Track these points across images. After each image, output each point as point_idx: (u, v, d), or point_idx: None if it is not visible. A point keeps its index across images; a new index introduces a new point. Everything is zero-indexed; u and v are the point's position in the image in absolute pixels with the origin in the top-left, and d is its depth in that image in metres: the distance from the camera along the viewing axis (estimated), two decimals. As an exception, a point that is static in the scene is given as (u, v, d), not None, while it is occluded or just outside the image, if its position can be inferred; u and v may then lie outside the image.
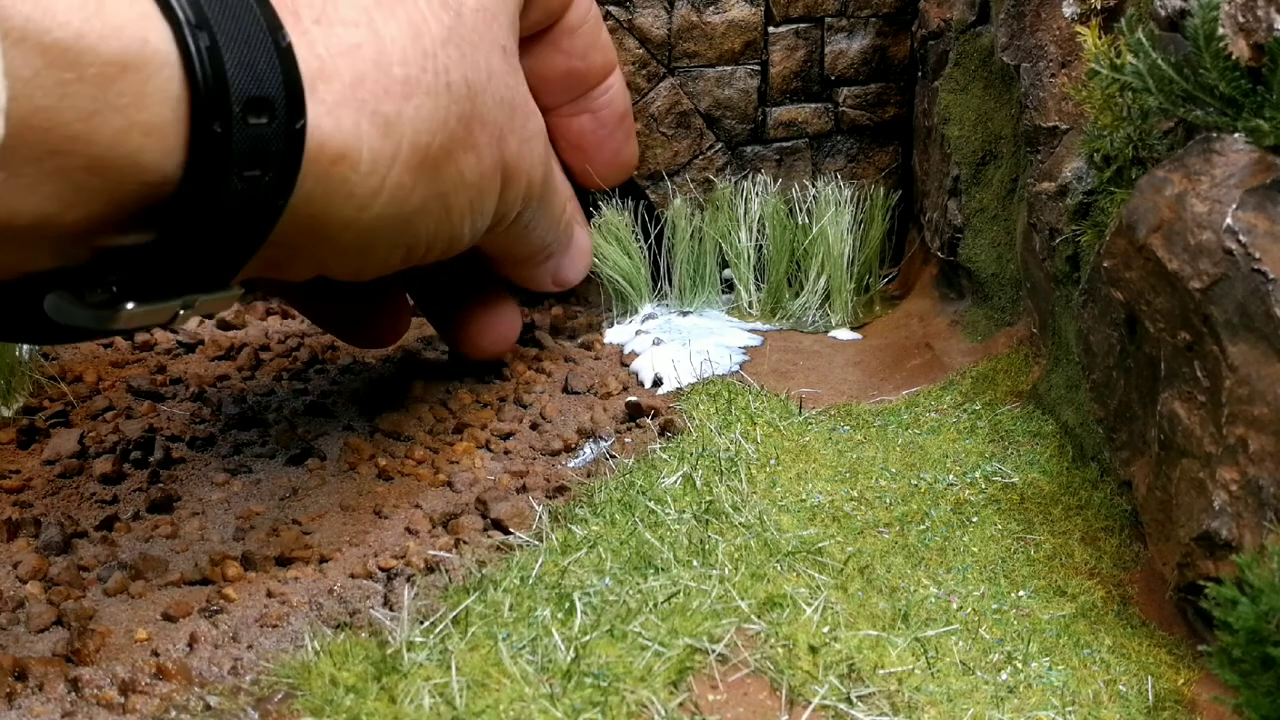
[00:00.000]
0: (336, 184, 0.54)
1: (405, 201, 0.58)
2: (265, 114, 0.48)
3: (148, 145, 0.45)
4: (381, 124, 0.54)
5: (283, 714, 0.47)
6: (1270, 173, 0.48)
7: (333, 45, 0.53)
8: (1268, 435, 0.46)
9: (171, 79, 0.45)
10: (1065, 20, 0.71)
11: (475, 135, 0.61)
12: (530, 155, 0.69)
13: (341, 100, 0.53)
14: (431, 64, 0.57)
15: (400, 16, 0.57)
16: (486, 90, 0.62)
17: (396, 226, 0.59)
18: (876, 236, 0.93)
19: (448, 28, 0.59)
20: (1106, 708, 0.48)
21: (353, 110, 0.53)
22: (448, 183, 0.61)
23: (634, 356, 0.84)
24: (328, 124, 0.52)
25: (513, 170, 0.67)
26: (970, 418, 0.73)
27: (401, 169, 0.56)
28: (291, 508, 0.66)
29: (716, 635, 0.50)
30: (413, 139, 0.56)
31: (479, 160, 0.63)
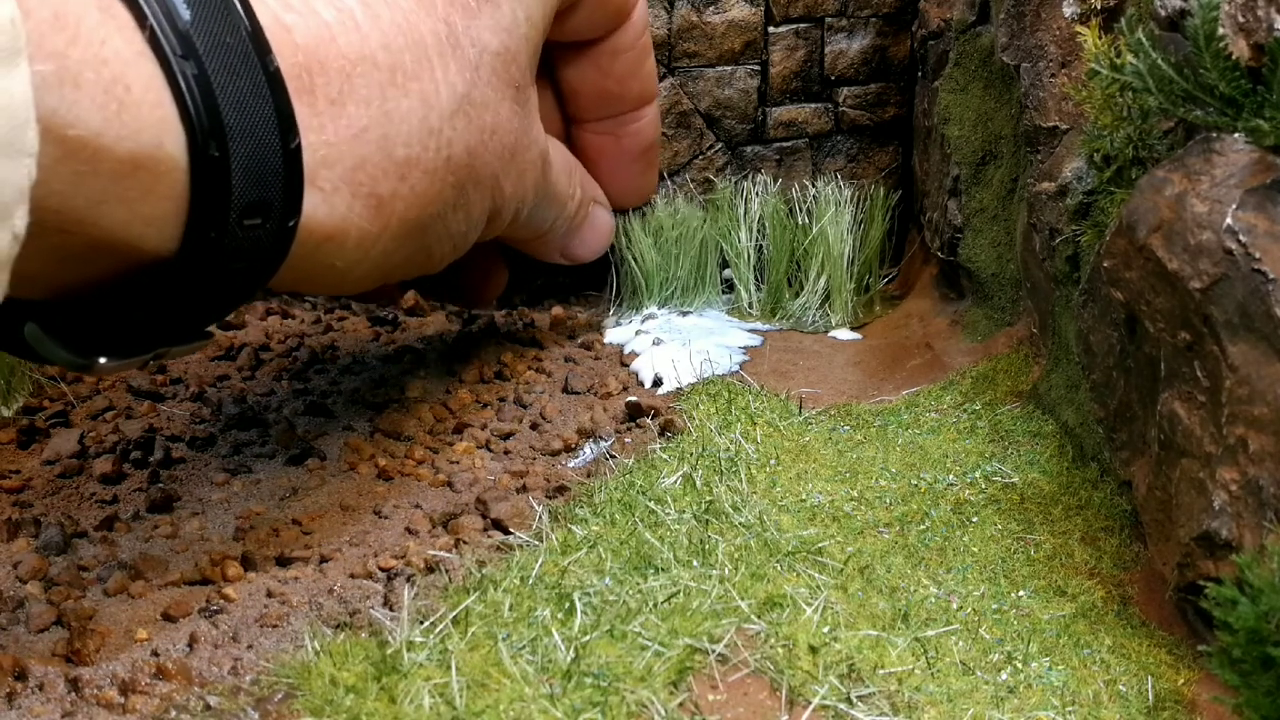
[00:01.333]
0: (320, 259, 0.55)
1: (387, 261, 0.59)
2: (260, 216, 0.50)
3: (148, 234, 0.47)
4: (374, 205, 0.56)
5: (283, 714, 0.47)
6: (1270, 173, 0.48)
7: (340, 129, 0.54)
8: (1268, 435, 0.46)
9: (179, 181, 0.47)
10: (1065, 20, 0.71)
11: (468, 195, 0.62)
12: (524, 185, 0.69)
13: (339, 185, 0.54)
14: (435, 140, 0.58)
15: (413, 93, 0.57)
16: (487, 148, 0.62)
17: (377, 277, 0.61)
18: (876, 236, 0.93)
19: (460, 96, 0.59)
20: (1106, 708, 0.48)
21: (348, 194, 0.54)
22: (431, 237, 0.62)
23: (634, 356, 0.84)
24: (322, 211, 0.53)
25: (504, 205, 0.68)
26: (970, 418, 0.73)
27: (388, 240, 0.58)
28: (291, 508, 0.66)
29: (716, 635, 0.50)
30: (403, 214, 0.57)
31: (468, 215, 0.64)
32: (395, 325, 0.95)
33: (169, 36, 0.45)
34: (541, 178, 0.72)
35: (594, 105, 0.78)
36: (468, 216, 0.64)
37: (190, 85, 0.46)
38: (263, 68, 0.49)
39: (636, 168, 0.83)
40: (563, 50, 0.76)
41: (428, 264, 0.64)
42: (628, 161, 0.82)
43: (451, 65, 0.59)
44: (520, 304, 1.00)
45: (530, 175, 0.69)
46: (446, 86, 0.59)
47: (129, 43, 0.45)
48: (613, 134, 0.80)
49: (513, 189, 0.67)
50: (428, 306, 0.98)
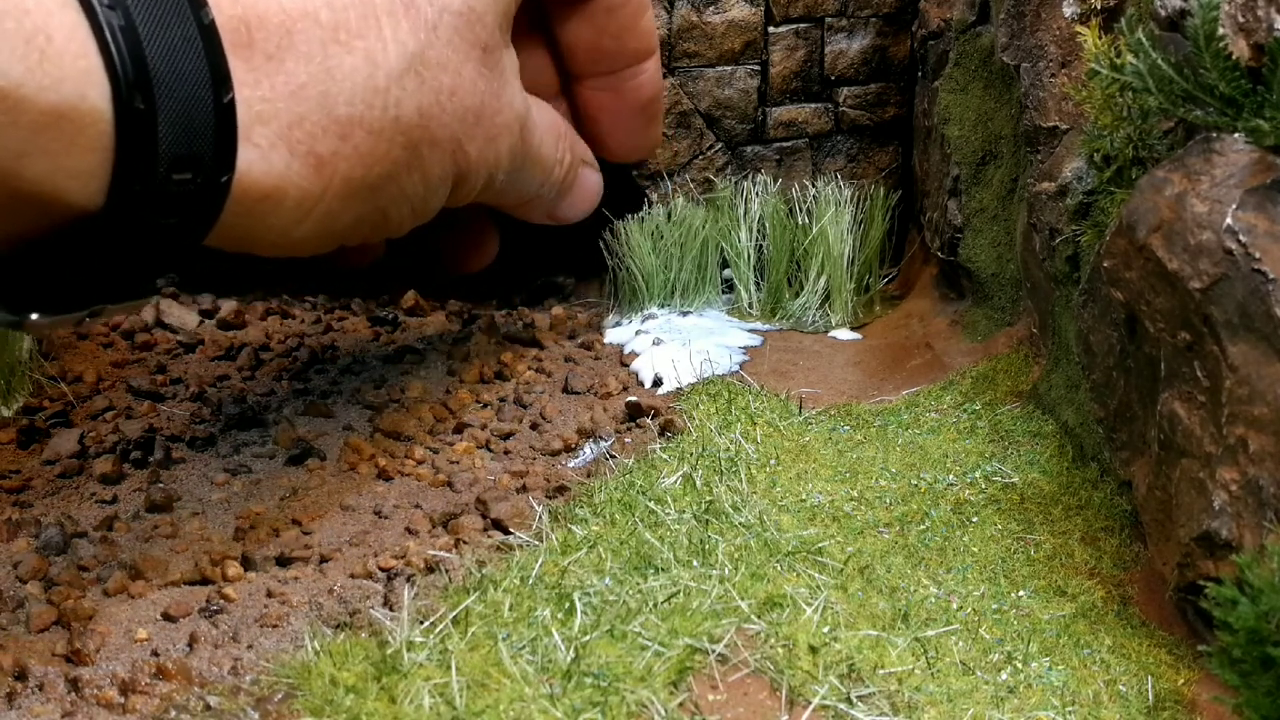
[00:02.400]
0: (259, 217, 0.54)
1: (335, 221, 0.58)
2: (190, 170, 0.49)
3: (72, 187, 0.46)
4: (314, 164, 0.55)
5: (283, 714, 0.47)
6: (1270, 173, 0.48)
7: (278, 86, 0.53)
8: (1268, 435, 0.46)
9: (103, 134, 0.46)
10: (1065, 20, 0.71)
11: (423, 156, 0.61)
12: (494, 151, 0.67)
13: (275, 141, 0.53)
14: (381, 99, 0.57)
15: (358, 50, 0.56)
16: (445, 109, 0.61)
17: (325, 237, 0.60)
18: (876, 236, 0.93)
19: (410, 55, 0.58)
20: (1106, 708, 0.48)
21: (285, 151, 0.53)
22: (385, 198, 0.61)
23: (634, 356, 0.84)
24: (259, 168, 0.52)
25: (469, 169, 0.66)
26: (970, 418, 0.73)
27: (331, 199, 0.57)
28: (291, 508, 0.66)
29: (716, 635, 0.50)
30: (346, 173, 0.56)
31: (424, 176, 0.62)
32: (395, 325, 0.95)
33: None
34: (519, 143, 0.70)
35: (591, 61, 0.77)
36: (424, 179, 0.62)
37: (116, 35, 0.45)
38: (196, 20, 0.48)
39: (638, 122, 0.81)
40: (557, 6, 0.75)
41: (384, 226, 0.63)
42: (629, 116, 0.80)
43: (403, 24, 0.58)
44: (520, 304, 1.00)
45: (504, 140, 0.68)
46: (396, 45, 0.57)
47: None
48: (612, 89, 0.78)
49: (479, 153, 0.66)
50: (428, 306, 0.98)
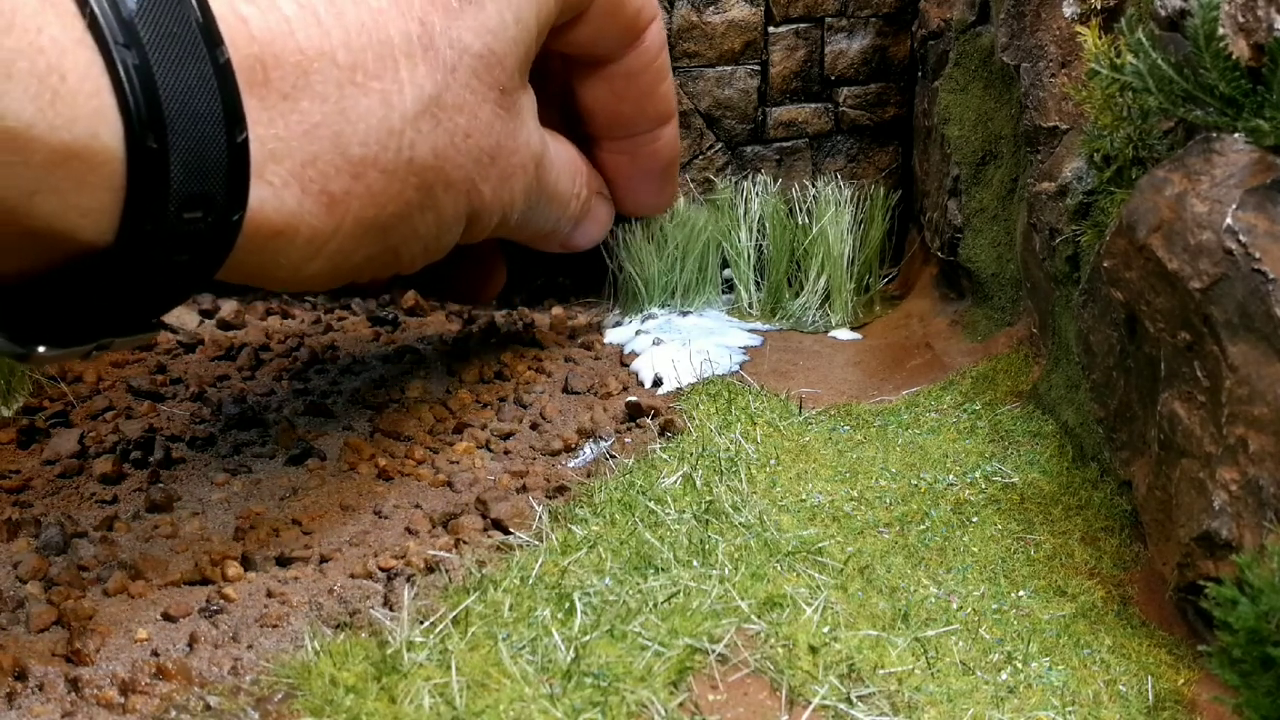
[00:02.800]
0: (270, 254, 0.54)
1: (346, 260, 0.58)
2: (202, 209, 0.49)
3: (83, 224, 0.46)
4: (327, 202, 0.55)
5: (283, 714, 0.47)
6: (1270, 173, 0.48)
7: (292, 125, 0.53)
8: (1268, 435, 0.46)
9: (114, 173, 0.46)
10: (1065, 20, 0.71)
11: (436, 197, 0.61)
12: (509, 190, 0.68)
13: (289, 180, 0.53)
14: (395, 141, 0.57)
15: (374, 92, 0.56)
16: (460, 150, 0.61)
17: (336, 275, 0.60)
18: (876, 236, 0.93)
19: (427, 97, 0.58)
20: (1106, 708, 0.48)
21: (298, 189, 0.53)
22: (397, 238, 0.61)
23: (634, 356, 0.84)
24: (270, 205, 0.52)
25: (483, 209, 0.66)
26: (970, 418, 0.73)
27: (344, 238, 0.57)
28: (291, 508, 0.66)
29: (716, 635, 0.50)
30: (359, 213, 0.56)
31: (438, 216, 0.63)
32: (395, 325, 0.95)
33: (111, 24, 0.44)
34: (535, 182, 0.71)
35: (609, 126, 0.77)
36: (438, 219, 0.63)
37: (130, 74, 0.45)
38: (211, 59, 0.48)
39: (654, 185, 0.82)
40: (576, 68, 0.75)
41: (395, 265, 0.64)
42: (645, 179, 0.81)
43: (421, 67, 0.58)
44: (520, 304, 1.00)
45: (519, 180, 0.68)
46: (413, 87, 0.58)
47: (67, 30, 0.44)
48: (629, 153, 0.79)
49: (493, 194, 0.66)
50: (428, 306, 0.98)
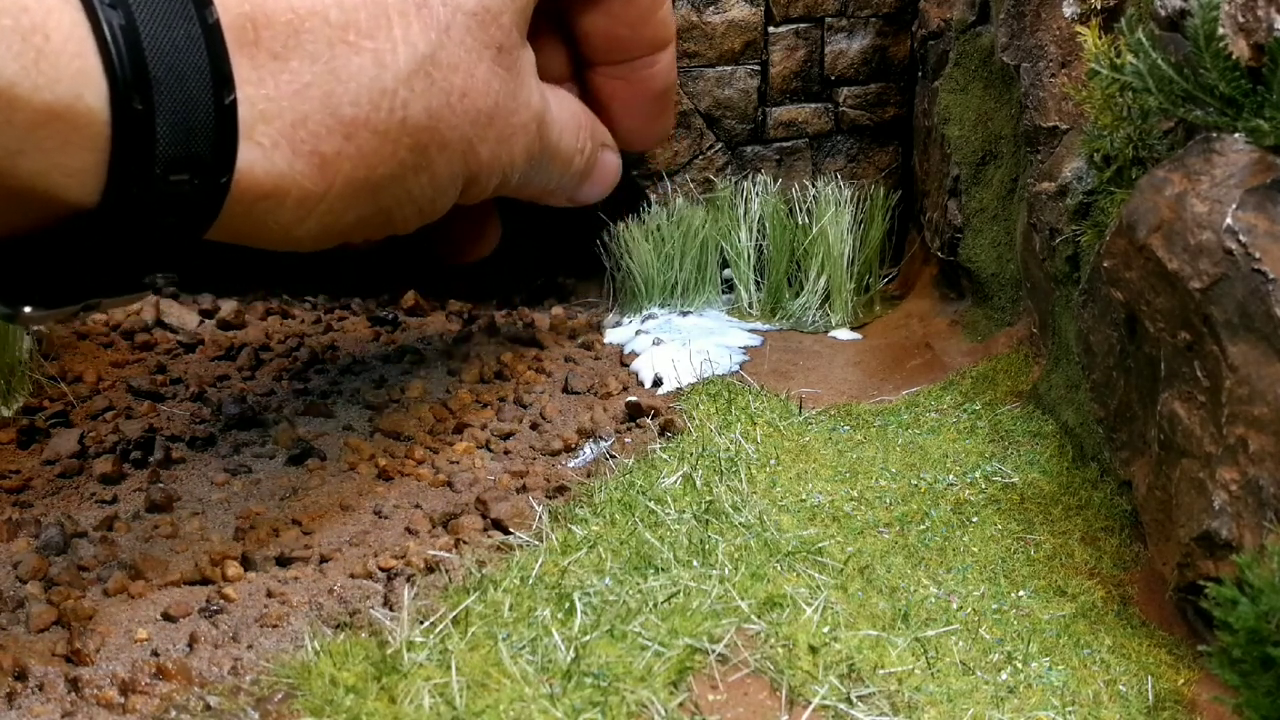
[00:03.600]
0: (259, 215, 0.54)
1: (339, 220, 0.58)
2: (188, 171, 0.48)
3: (68, 184, 0.46)
4: (318, 163, 0.54)
5: (283, 714, 0.47)
6: (1270, 173, 0.48)
7: (282, 85, 0.52)
8: (1268, 435, 0.46)
9: (99, 134, 0.46)
10: (1065, 20, 0.71)
11: (431, 158, 0.61)
12: (508, 150, 0.67)
13: (278, 140, 0.52)
14: (388, 101, 0.56)
15: (366, 51, 0.55)
16: (455, 111, 0.61)
17: (327, 235, 0.59)
18: (876, 236, 0.93)
19: (420, 56, 0.58)
20: (1106, 708, 0.48)
21: (288, 150, 0.53)
22: (389, 199, 0.60)
23: (634, 356, 0.84)
24: (260, 166, 0.52)
25: (481, 170, 0.66)
26: (970, 418, 0.73)
27: (334, 199, 0.56)
28: (291, 508, 0.66)
29: (716, 635, 0.50)
30: (350, 173, 0.56)
31: (432, 178, 0.62)
32: (395, 325, 0.95)
33: None
34: (536, 141, 0.70)
35: (605, 50, 0.76)
36: (433, 181, 0.62)
37: (115, 35, 0.45)
38: (200, 20, 0.47)
39: (651, 110, 0.81)
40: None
41: (388, 226, 0.63)
42: (641, 104, 0.80)
43: (414, 25, 0.58)
44: (520, 304, 1.00)
45: (519, 140, 0.67)
46: (405, 46, 0.57)
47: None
48: (625, 78, 0.78)
49: (491, 154, 0.65)
50: (428, 306, 0.98)
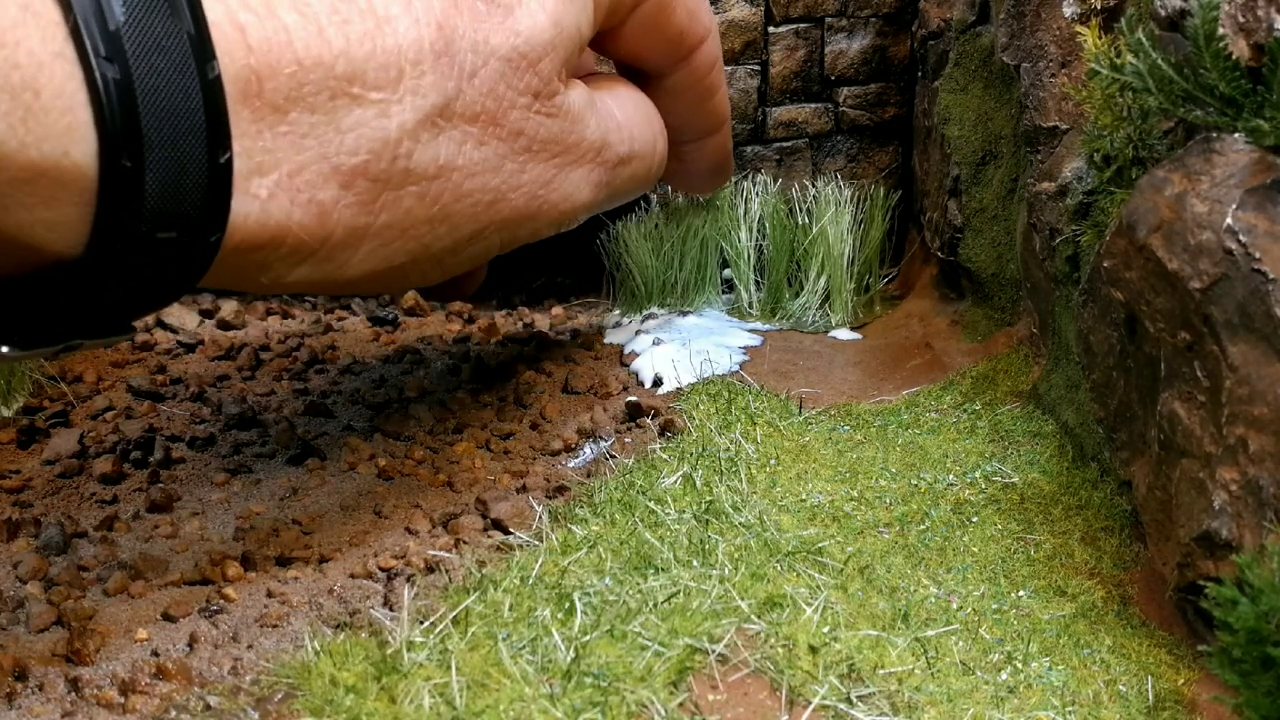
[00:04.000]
0: (255, 262, 0.53)
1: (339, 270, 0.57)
2: (176, 229, 0.47)
3: (51, 237, 0.46)
4: (316, 211, 0.53)
5: (283, 714, 0.47)
6: (1270, 173, 0.48)
7: (280, 134, 0.51)
8: (1268, 435, 0.46)
9: (85, 189, 0.45)
10: (1065, 20, 0.71)
11: (446, 207, 0.59)
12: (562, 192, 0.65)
13: (275, 191, 0.51)
14: (389, 151, 0.55)
15: (369, 104, 0.54)
16: (472, 159, 0.59)
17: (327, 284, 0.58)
18: (876, 236, 0.93)
19: (430, 106, 0.56)
20: (1106, 708, 0.48)
21: (286, 200, 0.52)
22: (401, 252, 0.59)
23: (634, 356, 0.84)
24: (255, 218, 0.51)
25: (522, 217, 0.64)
26: (970, 418, 0.73)
27: (335, 247, 0.55)
28: (291, 508, 0.66)
29: (716, 635, 0.50)
30: (349, 221, 0.55)
31: (451, 228, 0.60)
32: (395, 325, 0.95)
33: (93, 36, 0.43)
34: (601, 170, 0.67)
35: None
36: (452, 231, 0.60)
37: (109, 90, 0.44)
38: (200, 74, 0.46)
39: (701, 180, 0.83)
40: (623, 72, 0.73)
41: (404, 279, 0.62)
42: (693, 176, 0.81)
43: (427, 76, 0.56)
44: (520, 304, 1.00)
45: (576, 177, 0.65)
46: (412, 97, 0.56)
47: (46, 43, 0.42)
48: (676, 158, 0.78)
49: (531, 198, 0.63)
50: (428, 307, 0.98)
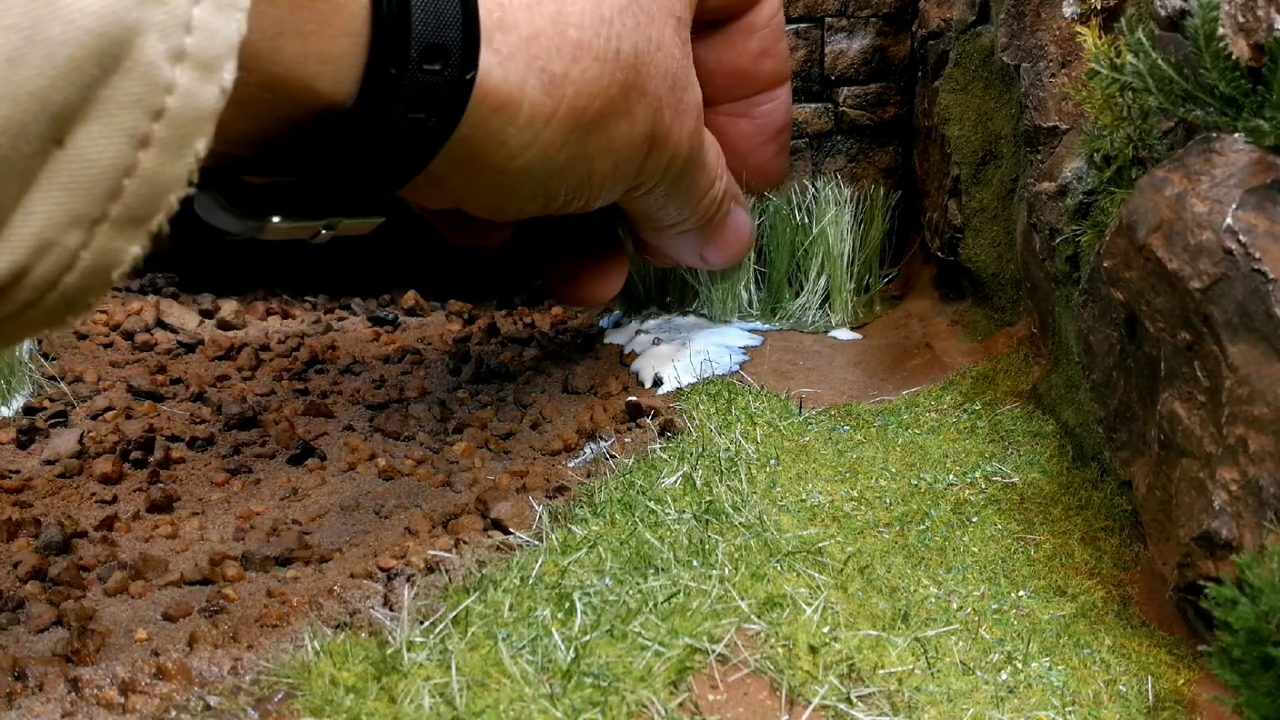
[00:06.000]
0: (492, 131, 0.55)
1: (553, 157, 0.59)
2: (440, 61, 0.49)
3: (323, 72, 0.46)
4: (547, 81, 0.55)
5: (283, 714, 0.47)
6: (1270, 173, 0.48)
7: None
8: (1268, 435, 0.46)
9: (358, 15, 0.46)
10: (1065, 20, 0.71)
11: (632, 104, 0.62)
12: (681, 128, 0.68)
13: (514, 53, 0.54)
14: (606, 29, 0.58)
15: None
16: (653, 61, 0.62)
17: (539, 178, 0.60)
18: (876, 236, 0.93)
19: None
20: (1106, 708, 0.48)
21: (523, 64, 0.54)
22: (595, 145, 0.61)
23: (634, 356, 0.84)
24: (497, 74, 0.53)
25: (661, 141, 0.67)
26: (970, 418, 0.73)
27: (556, 127, 0.57)
28: (291, 508, 0.66)
29: (716, 635, 0.50)
30: (573, 100, 0.57)
31: (630, 128, 0.63)
32: (395, 325, 0.95)
33: None
34: (697, 131, 0.71)
35: (728, 85, 0.78)
36: (630, 130, 0.63)
37: None
38: None
39: (770, 150, 0.83)
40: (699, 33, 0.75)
41: (588, 182, 0.64)
42: (761, 144, 0.81)
43: None
44: (520, 304, 1.00)
45: (689, 119, 0.69)
46: None
47: None
48: (746, 115, 0.80)
49: (673, 122, 0.67)
50: (427, 307, 0.98)
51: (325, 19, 0.45)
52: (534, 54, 0.54)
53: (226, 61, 0.37)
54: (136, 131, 0.36)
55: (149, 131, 0.36)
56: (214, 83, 0.37)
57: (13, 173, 0.34)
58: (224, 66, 0.37)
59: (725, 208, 0.79)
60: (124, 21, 0.34)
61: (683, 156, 0.70)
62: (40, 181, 0.35)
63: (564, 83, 0.56)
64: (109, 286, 0.39)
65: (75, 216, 0.36)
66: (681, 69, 0.67)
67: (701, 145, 0.72)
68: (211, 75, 0.37)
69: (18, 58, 0.32)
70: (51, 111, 0.34)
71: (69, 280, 0.37)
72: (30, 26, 0.32)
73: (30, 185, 0.35)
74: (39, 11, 0.33)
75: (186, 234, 0.51)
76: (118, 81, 0.35)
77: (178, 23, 0.35)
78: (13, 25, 0.32)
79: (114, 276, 0.38)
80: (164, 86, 0.36)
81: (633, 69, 0.61)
